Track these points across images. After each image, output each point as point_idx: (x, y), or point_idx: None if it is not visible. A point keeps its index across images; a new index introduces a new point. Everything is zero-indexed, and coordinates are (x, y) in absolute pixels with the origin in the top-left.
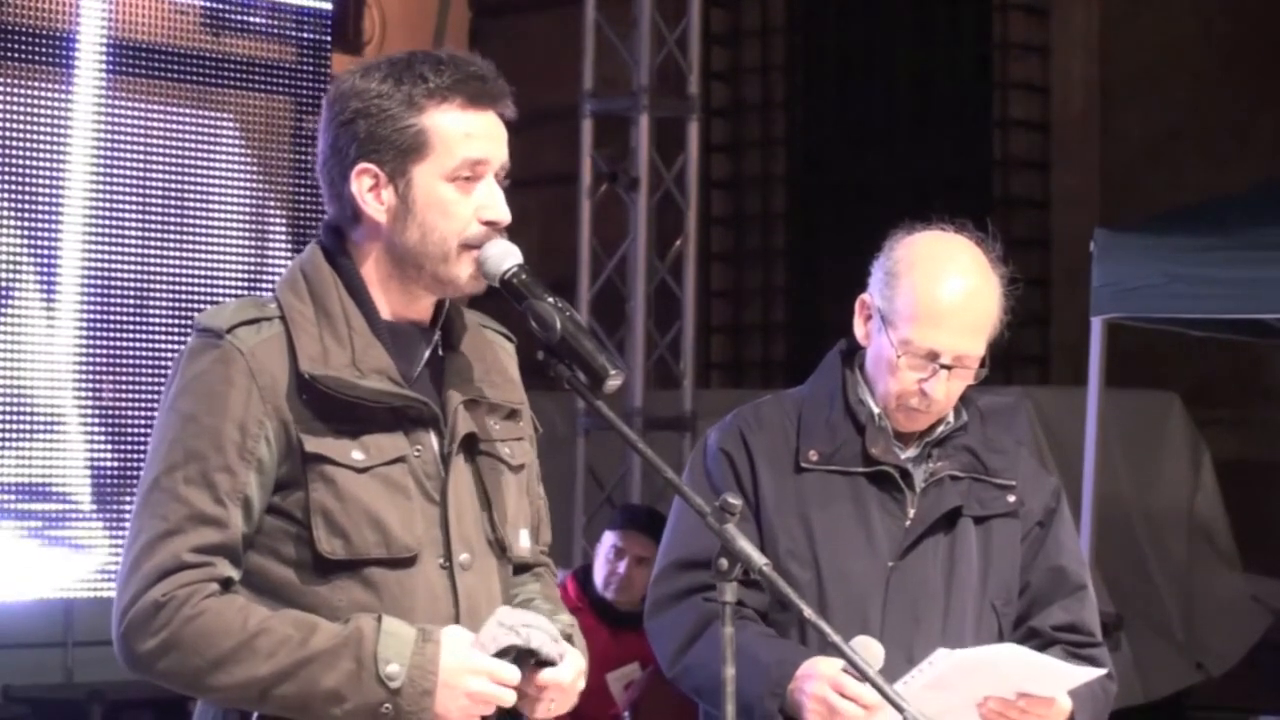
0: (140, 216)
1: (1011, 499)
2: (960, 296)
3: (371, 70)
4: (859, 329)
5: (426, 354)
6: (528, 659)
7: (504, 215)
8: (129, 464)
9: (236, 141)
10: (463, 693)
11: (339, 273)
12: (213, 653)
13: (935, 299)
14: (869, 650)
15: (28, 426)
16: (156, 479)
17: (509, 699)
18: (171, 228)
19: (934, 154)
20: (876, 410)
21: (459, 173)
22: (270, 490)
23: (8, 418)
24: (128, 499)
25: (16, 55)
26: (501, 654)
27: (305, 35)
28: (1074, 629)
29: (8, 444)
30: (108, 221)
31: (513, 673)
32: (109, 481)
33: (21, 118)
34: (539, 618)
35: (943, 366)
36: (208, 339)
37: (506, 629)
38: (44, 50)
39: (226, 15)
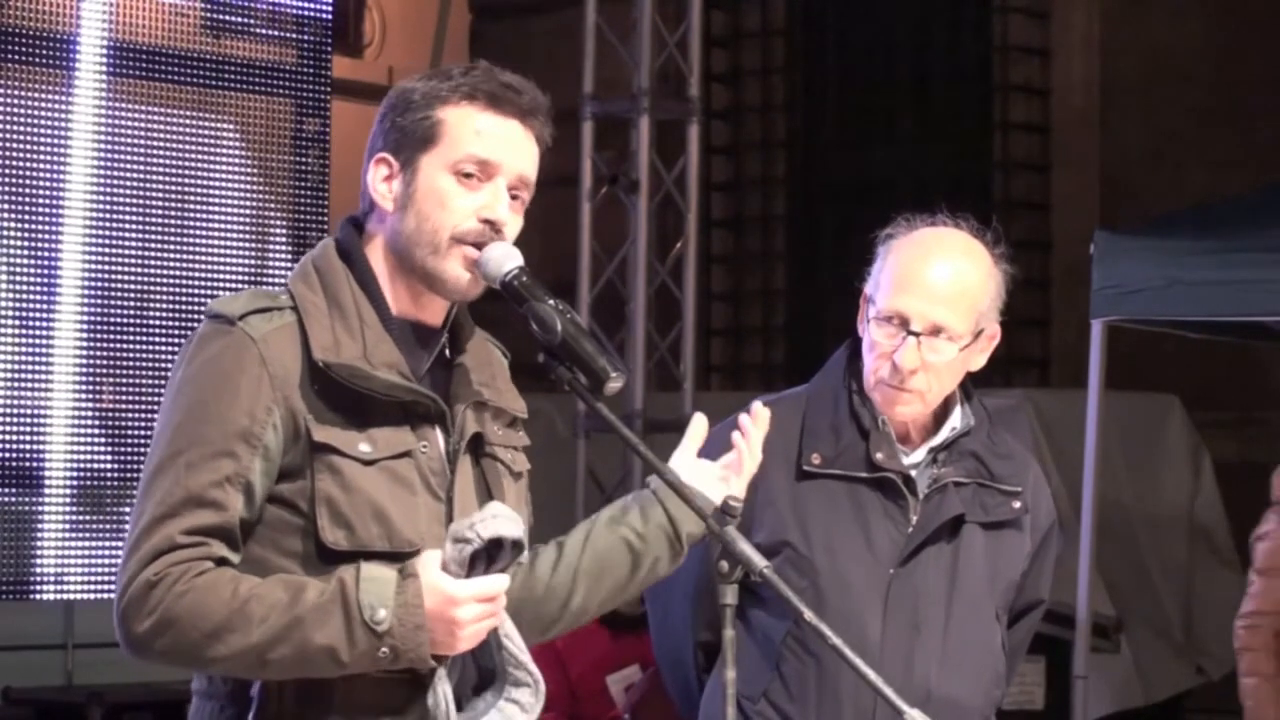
0: (140, 219)
1: (1017, 504)
2: (936, 266)
3: (422, 74)
4: (860, 326)
5: (434, 354)
6: (498, 549)
7: (502, 216)
8: (130, 467)
9: (237, 144)
10: (456, 625)
11: (351, 267)
12: (206, 625)
13: (910, 268)
14: None
15: (28, 429)
16: (161, 463)
17: (499, 611)
18: (172, 230)
19: (934, 156)
20: (880, 415)
21: (462, 167)
22: (274, 478)
23: (8, 420)
24: (128, 502)
25: (17, 57)
26: (473, 562)
27: (305, 38)
28: None
29: (8, 446)
30: (108, 224)
31: (498, 583)
32: (110, 484)
33: (22, 120)
34: (487, 506)
35: (911, 333)
36: (219, 325)
37: (460, 542)
38: (44, 53)
39: (227, 18)
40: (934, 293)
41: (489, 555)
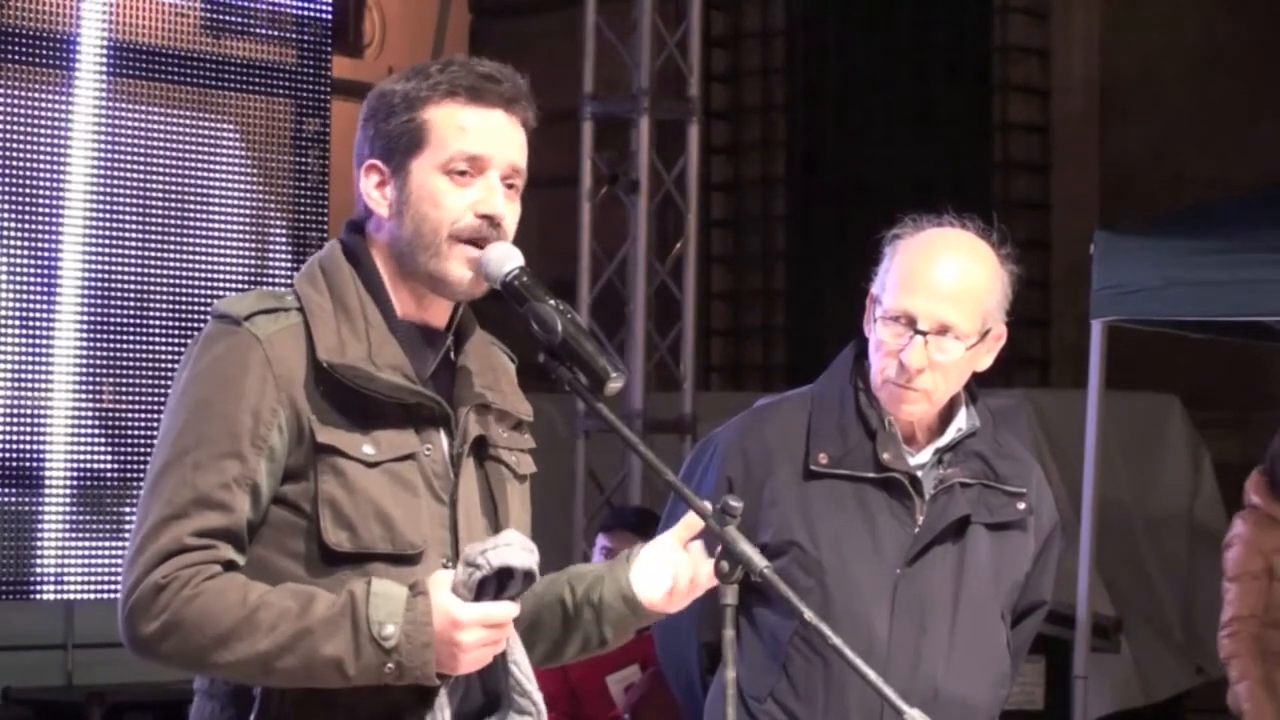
0: (140, 219)
1: (1021, 506)
2: (943, 265)
3: (398, 74)
4: (867, 326)
5: (439, 357)
6: (509, 578)
7: (498, 209)
8: (130, 467)
9: (237, 144)
10: (459, 648)
11: (357, 269)
12: (214, 630)
13: (917, 268)
14: None
15: (28, 429)
16: (167, 463)
17: (505, 638)
18: (172, 230)
19: (934, 156)
20: (887, 415)
21: (452, 165)
22: (279, 479)
23: (8, 420)
24: (128, 501)
25: (17, 57)
26: (482, 587)
27: (305, 38)
28: None
29: (8, 446)
30: (108, 224)
31: (504, 610)
32: (110, 484)
33: (22, 120)
34: (503, 534)
35: (918, 332)
36: (225, 325)
37: (471, 566)
38: (44, 53)
39: (226, 18)
40: (941, 292)
41: (499, 582)
